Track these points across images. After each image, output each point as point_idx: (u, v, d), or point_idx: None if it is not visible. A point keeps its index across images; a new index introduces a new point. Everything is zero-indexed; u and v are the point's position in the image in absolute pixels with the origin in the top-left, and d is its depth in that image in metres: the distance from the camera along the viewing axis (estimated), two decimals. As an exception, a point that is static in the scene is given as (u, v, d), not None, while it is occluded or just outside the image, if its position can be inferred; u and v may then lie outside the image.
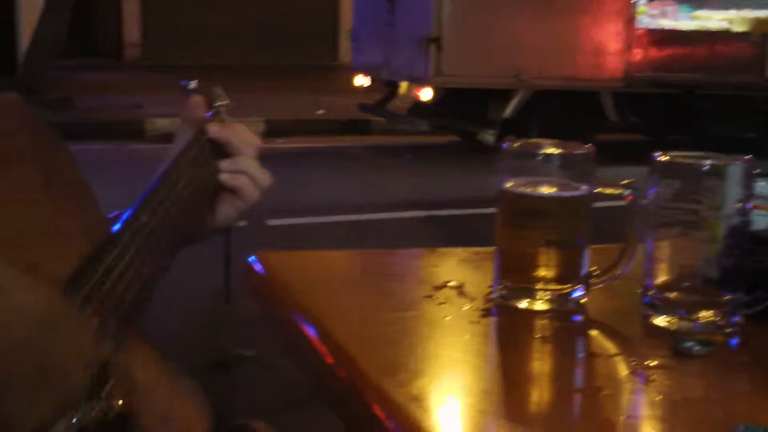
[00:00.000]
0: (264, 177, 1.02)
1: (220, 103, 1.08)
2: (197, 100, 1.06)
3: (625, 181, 0.99)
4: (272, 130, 8.58)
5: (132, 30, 13.26)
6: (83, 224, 0.78)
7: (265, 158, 1.04)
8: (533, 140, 1.06)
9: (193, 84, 1.10)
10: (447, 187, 6.73)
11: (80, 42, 11.74)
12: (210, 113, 1.06)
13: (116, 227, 0.82)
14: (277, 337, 1.02)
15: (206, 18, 13.47)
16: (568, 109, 8.13)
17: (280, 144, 8.20)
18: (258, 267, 1.06)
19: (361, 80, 8.92)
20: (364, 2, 8.84)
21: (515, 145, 1.04)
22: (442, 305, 0.98)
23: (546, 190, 1.01)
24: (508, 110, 7.86)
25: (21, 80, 8.60)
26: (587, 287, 1.00)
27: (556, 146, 1.04)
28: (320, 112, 9.46)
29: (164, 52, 13.08)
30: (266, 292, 1.04)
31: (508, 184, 1.03)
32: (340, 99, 10.13)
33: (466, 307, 0.98)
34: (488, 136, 7.87)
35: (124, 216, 0.85)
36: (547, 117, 8.05)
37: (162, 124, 8.24)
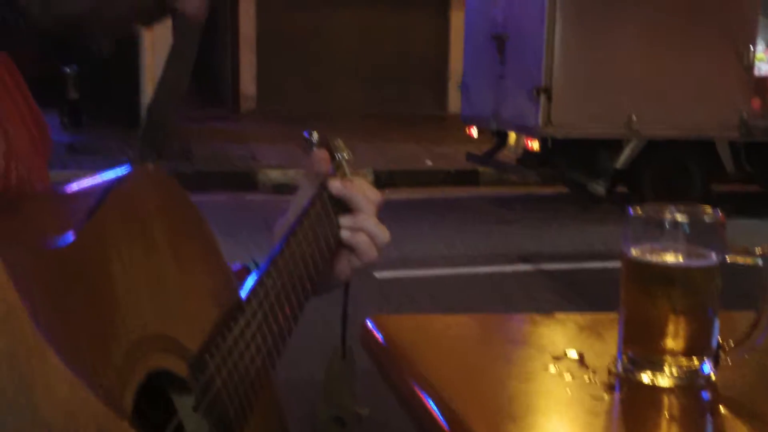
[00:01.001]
0: (383, 235, 1.02)
1: (341, 156, 1.08)
2: (321, 153, 1.06)
3: (759, 249, 0.95)
4: (380, 181, 8.68)
5: (248, 82, 13.69)
6: (212, 288, 0.79)
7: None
8: (658, 204, 1.02)
9: (315, 135, 1.10)
10: (557, 239, 6.63)
11: (200, 93, 12.20)
12: (332, 167, 1.06)
13: (244, 293, 0.83)
14: (392, 397, 1.01)
15: (317, 69, 13.80)
16: (682, 159, 7.93)
17: (388, 195, 8.26)
18: (375, 330, 1.06)
19: (471, 130, 8.95)
20: (474, 53, 8.89)
21: (640, 211, 1.01)
22: (563, 378, 0.95)
23: (673, 258, 0.97)
24: (620, 160, 7.71)
25: (143, 132, 8.98)
26: (717, 361, 0.96)
27: (683, 212, 1.00)
28: (428, 162, 9.51)
29: (278, 103, 13.45)
30: (383, 355, 1.03)
31: (634, 252, 0.99)
32: (449, 149, 10.17)
33: (588, 379, 0.95)
34: (599, 187, 7.73)
35: (251, 282, 0.85)
36: (660, 167, 7.87)
37: (274, 175, 8.44)
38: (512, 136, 8.36)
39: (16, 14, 0.69)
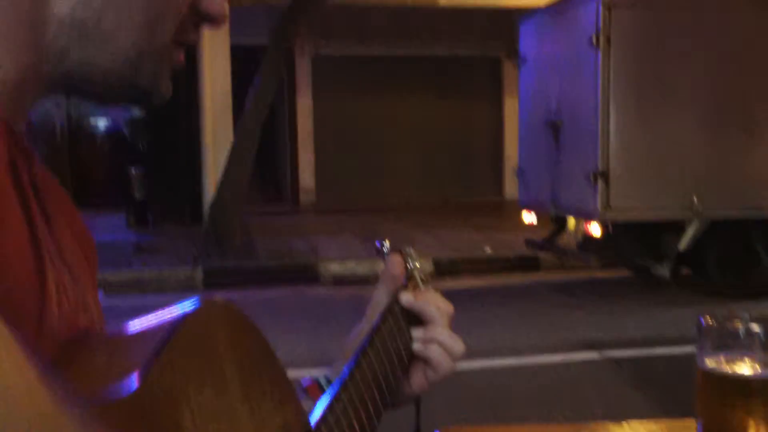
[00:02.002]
0: (457, 346, 1.01)
1: (413, 265, 1.08)
2: (395, 263, 1.06)
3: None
4: (441, 269, 8.67)
5: (307, 176, 13.95)
6: (282, 423, 0.79)
7: None
8: (731, 313, 1.02)
9: (387, 244, 1.11)
10: (623, 324, 6.51)
11: (260, 189, 12.44)
12: (405, 279, 1.06)
13: (314, 420, 0.82)
14: None
15: (374, 161, 14.01)
16: (747, 239, 7.79)
17: (449, 283, 8.25)
18: None
19: (529, 217, 8.94)
20: (530, 139, 8.95)
21: (713, 320, 1.00)
22: None
23: (750, 368, 0.96)
24: (683, 242, 7.60)
25: (207, 229, 9.14)
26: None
27: (757, 320, 1.00)
28: (488, 249, 9.49)
29: (337, 195, 13.64)
30: None
31: (709, 363, 0.99)
32: (508, 235, 10.15)
33: None
34: (663, 270, 7.61)
35: (321, 409, 0.84)
36: (724, 248, 7.74)
37: (335, 267, 8.50)
38: (571, 221, 8.33)
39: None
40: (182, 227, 10.56)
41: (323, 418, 0.83)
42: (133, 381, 0.60)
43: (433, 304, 1.03)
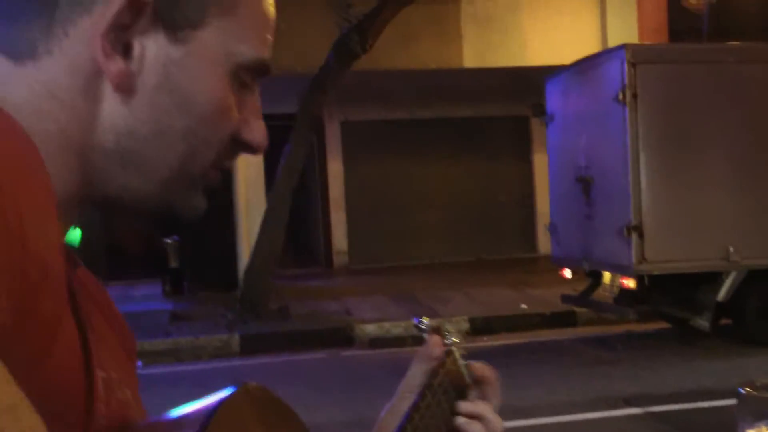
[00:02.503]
0: (498, 424, 1.02)
1: (452, 341, 1.10)
2: (435, 340, 1.08)
3: None
4: (476, 328, 8.63)
5: (339, 238, 14.03)
6: None
7: (472, 358, 1.06)
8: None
9: (425, 321, 1.12)
10: (663, 378, 6.42)
11: (294, 252, 12.52)
12: (443, 351, 1.07)
13: None
14: None
15: (405, 221, 14.07)
16: (786, 287, 7.69)
17: (485, 341, 8.20)
18: None
19: (563, 272, 8.92)
20: (561, 195, 8.96)
21: (752, 389, 1.01)
22: None
23: None
24: (721, 293, 7.51)
25: (242, 294, 9.20)
26: None
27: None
28: (523, 306, 9.44)
29: (369, 257, 13.69)
30: None
31: None
32: (543, 291, 10.10)
33: None
34: (702, 322, 7.51)
35: None
36: (764, 296, 7.63)
37: (370, 329, 8.50)
38: (607, 275, 8.28)
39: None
40: (217, 294, 10.62)
41: None
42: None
43: (487, 411, 1.04)
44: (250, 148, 0.77)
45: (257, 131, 0.77)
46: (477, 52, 12.07)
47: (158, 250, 11.46)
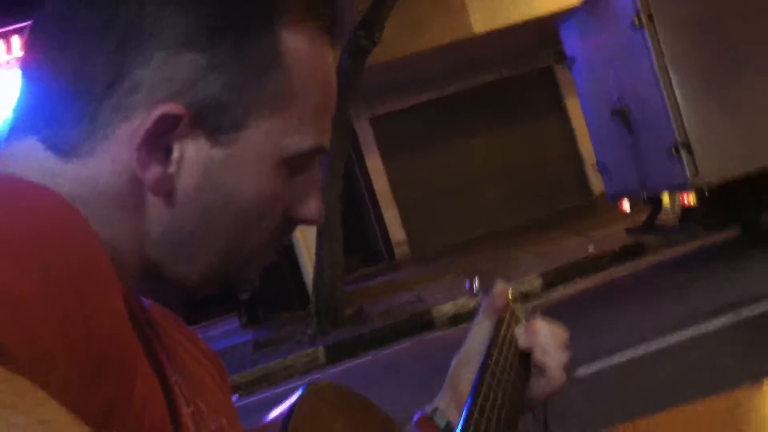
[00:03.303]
0: (566, 358, 1.04)
1: (514, 295, 1.11)
2: (500, 296, 1.09)
3: None
4: (549, 281, 8.61)
5: (396, 230, 14.07)
6: None
7: (553, 310, 1.08)
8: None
9: (476, 282, 1.14)
10: (745, 284, 6.32)
11: (355, 255, 12.60)
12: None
13: None
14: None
15: (457, 198, 14.05)
16: None
17: (562, 292, 8.18)
18: None
19: (622, 206, 8.85)
20: (601, 133, 8.88)
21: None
22: None
23: None
24: (784, 186, 7.38)
25: (316, 308, 9.30)
26: None
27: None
28: (591, 248, 9.39)
29: (429, 242, 13.71)
30: None
31: None
32: (606, 231, 10.02)
33: None
34: (770, 219, 7.40)
35: None
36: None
37: (447, 309, 8.53)
38: (666, 199, 8.19)
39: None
40: (293, 314, 10.76)
41: None
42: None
43: (544, 330, 1.06)
44: (307, 223, 0.78)
45: (312, 207, 0.77)
46: (485, 17, 11.99)
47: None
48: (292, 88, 0.72)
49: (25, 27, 9.45)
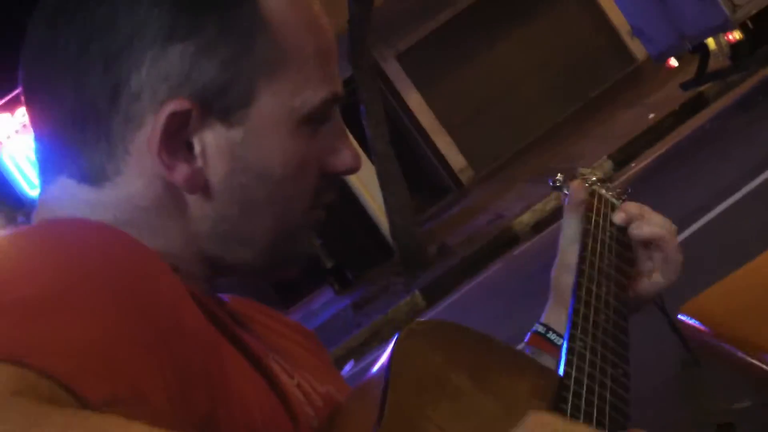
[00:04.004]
0: (668, 222, 0.99)
1: (592, 180, 1.08)
2: (578, 189, 1.05)
3: None
4: (620, 161, 8.45)
5: (455, 158, 13.94)
6: (529, 388, 0.79)
7: (635, 188, 1.02)
8: None
9: (559, 177, 1.11)
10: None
11: (422, 193, 12.56)
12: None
13: (561, 366, 0.81)
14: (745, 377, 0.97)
15: (505, 106, 13.85)
16: None
17: (636, 167, 8.02)
18: (693, 321, 1.05)
19: (669, 63, 8.60)
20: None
21: None
22: None
23: None
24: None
25: (400, 256, 9.33)
26: None
27: None
28: (651, 115, 9.16)
29: (489, 159, 13.57)
30: (716, 341, 1.02)
31: None
32: (660, 94, 9.76)
33: None
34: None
35: (563, 352, 0.83)
36: None
37: (527, 219, 8.46)
38: (711, 43, 7.93)
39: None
40: (380, 268, 10.82)
41: (567, 361, 0.82)
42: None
43: (653, 217, 1.01)
44: (345, 173, 0.77)
45: (345, 156, 0.76)
46: None
47: (310, 262, 11.75)
48: (285, 48, 0.70)
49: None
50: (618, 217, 1.01)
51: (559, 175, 1.11)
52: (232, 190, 0.71)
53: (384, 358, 0.73)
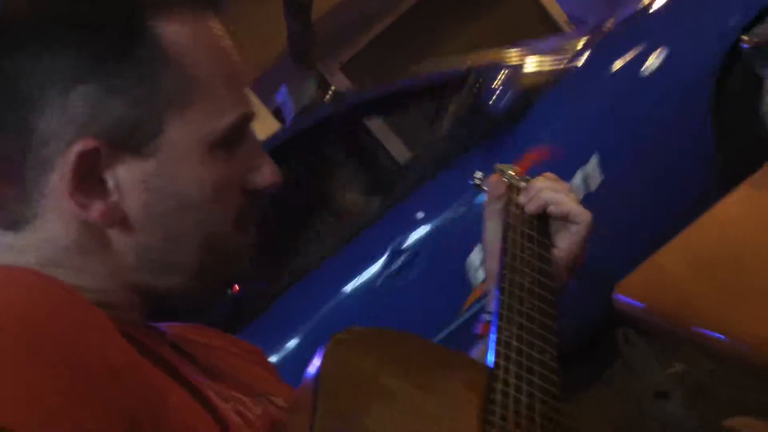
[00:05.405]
0: (585, 214, 1.02)
1: (509, 174, 1.10)
2: (497, 185, 1.08)
3: None
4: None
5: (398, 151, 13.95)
6: (464, 382, 0.80)
7: None
8: None
9: (478, 175, 1.13)
10: None
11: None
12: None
13: (490, 357, 0.84)
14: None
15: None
16: None
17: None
18: (629, 300, 1.05)
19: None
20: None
21: None
22: None
23: None
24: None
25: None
26: None
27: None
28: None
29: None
30: (649, 316, 1.03)
31: None
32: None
33: None
34: None
35: (492, 345, 0.85)
36: None
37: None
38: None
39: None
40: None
41: (496, 352, 0.84)
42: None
43: (542, 185, 1.05)
44: (267, 189, 0.78)
45: (265, 172, 0.77)
46: None
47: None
48: (191, 77, 0.71)
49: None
50: (528, 207, 1.04)
51: (478, 173, 1.13)
52: (153, 220, 0.71)
53: (312, 369, 0.73)
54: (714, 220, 1.11)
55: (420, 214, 3.14)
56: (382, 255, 3.07)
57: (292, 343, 3.04)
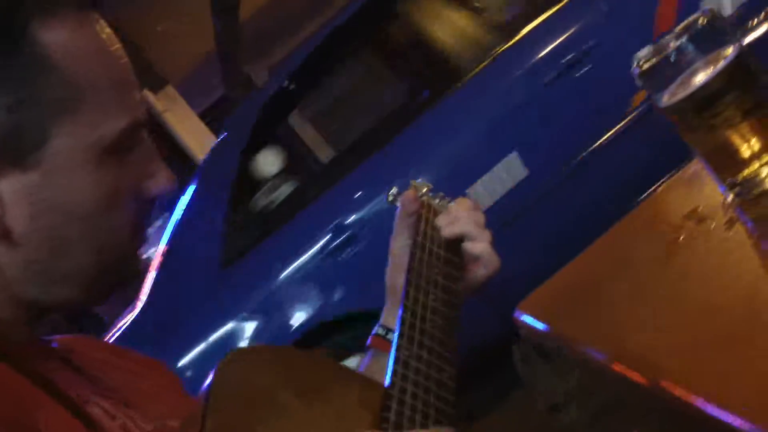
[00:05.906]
0: (494, 258, 1.04)
1: (423, 191, 1.12)
2: (410, 200, 1.09)
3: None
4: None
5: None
6: (357, 399, 0.81)
7: None
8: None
9: (393, 191, 1.14)
10: None
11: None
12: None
13: (387, 376, 0.84)
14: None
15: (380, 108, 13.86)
16: None
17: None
18: (525, 318, 1.06)
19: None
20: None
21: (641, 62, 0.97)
22: (693, 241, 0.93)
23: (703, 74, 0.94)
24: None
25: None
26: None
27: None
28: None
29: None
30: (547, 336, 1.03)
31: (667, 98, 0.96)
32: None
33: (713, 227, 0.92)
34: None
35: (390, 362, 0.86)
36: None
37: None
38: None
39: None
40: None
41: (393, 371, 0.85)
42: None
43: (463, 216, 1.06)
44: (161, 194, 0.76)
45: (159, 178, 0.76)
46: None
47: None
48: (75, 84, 0.69)
49: None
50: (445, 231, 1.06)
51: (393, 188, 1.14)
52: (39, 233, 0.69)
53: (205, 384, 0.73)
54: (614, 238, 1.13)
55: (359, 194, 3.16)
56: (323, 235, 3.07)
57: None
